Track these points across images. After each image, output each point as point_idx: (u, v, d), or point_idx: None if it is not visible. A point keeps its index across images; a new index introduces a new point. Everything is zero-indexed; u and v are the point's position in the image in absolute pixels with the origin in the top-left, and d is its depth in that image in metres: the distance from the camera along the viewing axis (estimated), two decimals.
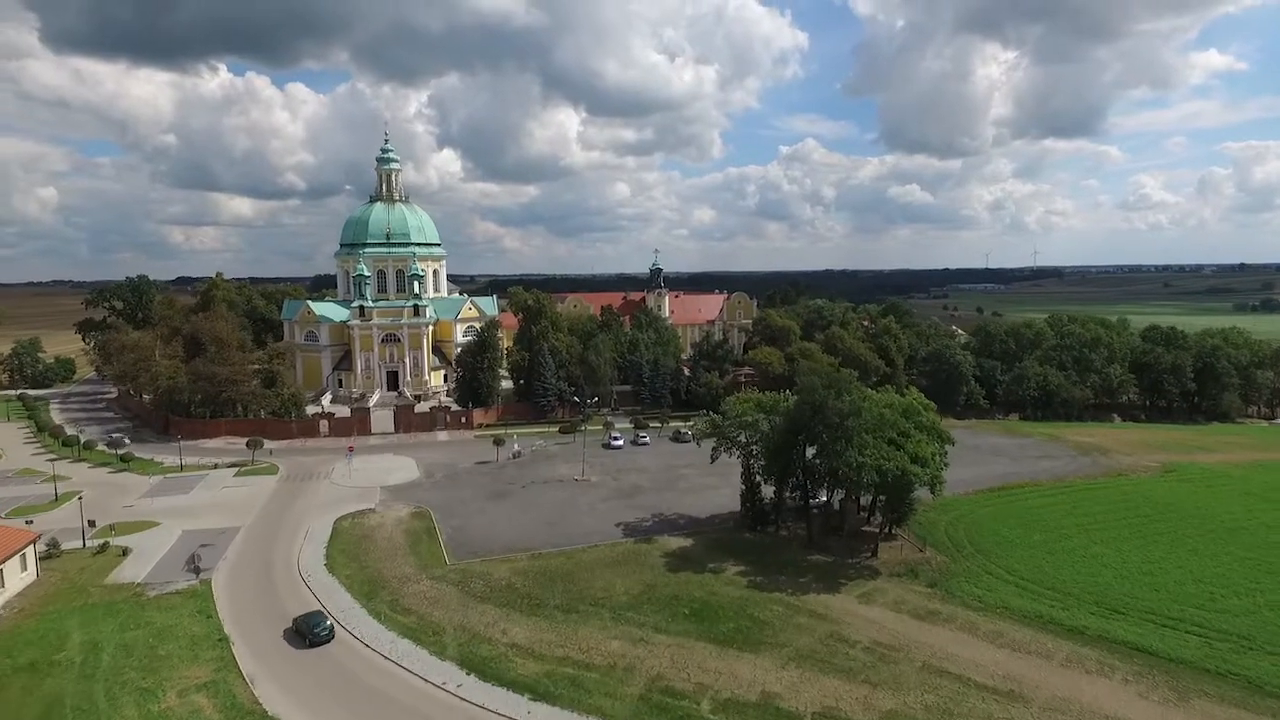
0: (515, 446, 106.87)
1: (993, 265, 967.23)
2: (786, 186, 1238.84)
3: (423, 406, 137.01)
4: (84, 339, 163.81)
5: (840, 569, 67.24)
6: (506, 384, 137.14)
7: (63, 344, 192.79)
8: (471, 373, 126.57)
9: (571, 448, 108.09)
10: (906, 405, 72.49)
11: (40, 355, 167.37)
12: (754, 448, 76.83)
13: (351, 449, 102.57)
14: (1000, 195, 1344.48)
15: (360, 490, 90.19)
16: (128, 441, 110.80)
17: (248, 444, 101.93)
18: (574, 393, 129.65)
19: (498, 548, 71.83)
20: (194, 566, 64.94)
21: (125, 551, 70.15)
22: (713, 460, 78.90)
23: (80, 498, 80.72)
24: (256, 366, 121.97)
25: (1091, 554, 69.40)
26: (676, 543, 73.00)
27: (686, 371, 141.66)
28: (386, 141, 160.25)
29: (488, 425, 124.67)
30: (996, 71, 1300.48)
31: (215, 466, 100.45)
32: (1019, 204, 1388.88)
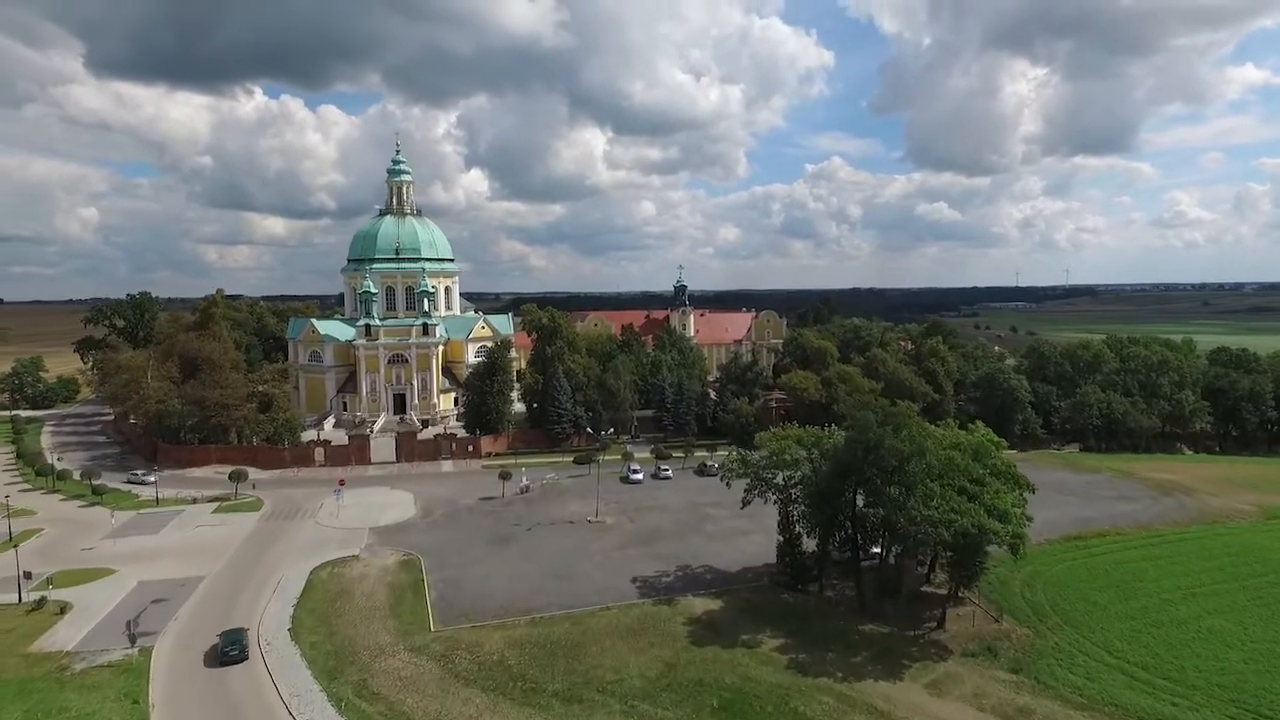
0: (524, 480, 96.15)
1: (1023, 283, 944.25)
2: (812, 205, 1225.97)
3: (430, 431, 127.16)
4: (82, 358, 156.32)
5: (900, 644, 55.28)
6: (520, 408, 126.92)
7: (73, 363, 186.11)
8: (480, 397, 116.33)
9: (586, 481, 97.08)
10: (977, 445, 60.61)
11: (42, 375, 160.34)
12: (794, 491, 65.33)
13: (342, 483, 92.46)
14: (1030, 212, 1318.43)
15: (347, 532, 79.85)
16: (101, 472, 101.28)
17: (230, 476, 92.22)
18: (591, 419, 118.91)
19: (492, 608, 60.87)
20: (131, 633, 54.75)
21: (63, 609, 60.23)
22: (744, 505, 67.38)
23: (37, 536, 71.34)
24: (253, 389, 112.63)
25: (1207, 628, 56.79)
26: (703, 605, 61.52)
27: (713, 395, 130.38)
28: (398, 152, 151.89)
29: (496, 454, 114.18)
30: (1025, 88, 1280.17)
31: (194, 501, 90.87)
32: (1049, 221, 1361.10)
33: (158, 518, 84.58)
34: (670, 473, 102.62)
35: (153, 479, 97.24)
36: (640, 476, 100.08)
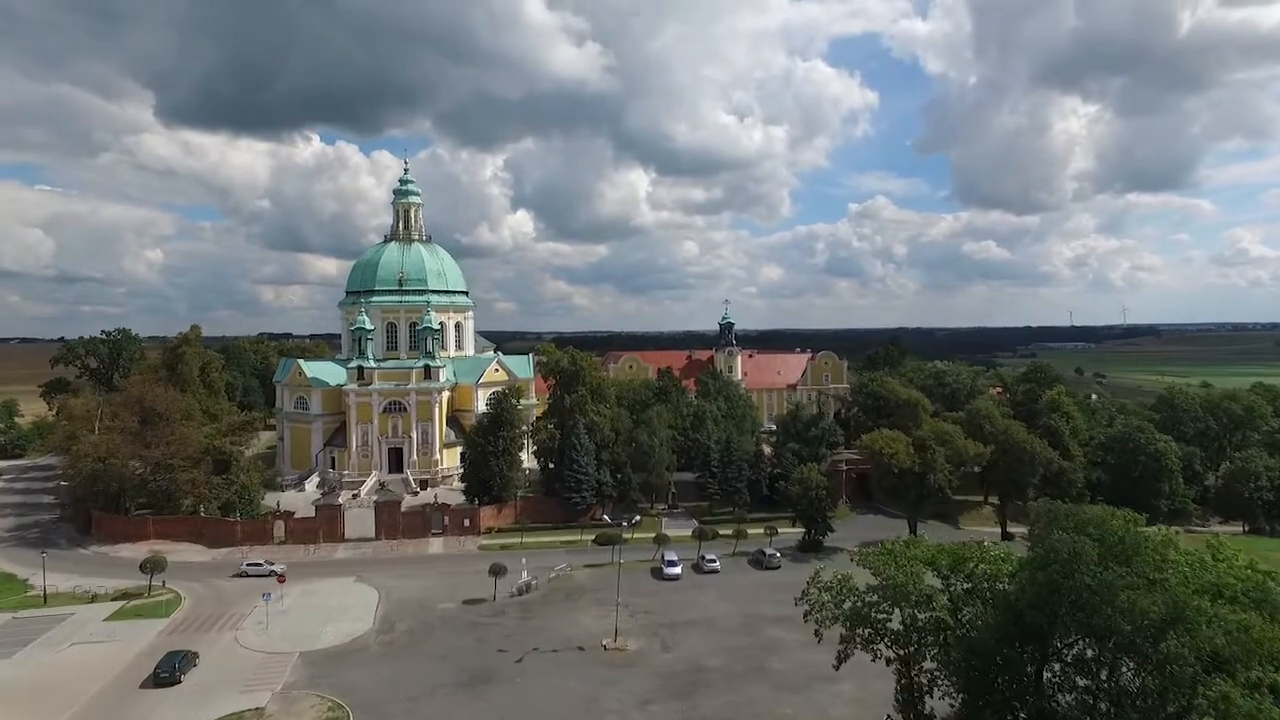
0: (523, 575, 71.66)
1: (1077, 323, 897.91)
2: (856, 244, 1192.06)
3: (430, 494, 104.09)
4: (48, 402, 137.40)
5: None
6: (534, 465, 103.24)
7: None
8: (481, 457, 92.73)
9: (607, 573, 72.07)
10: (1261, 588, 34.36)
11: (17, 420, 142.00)
12: (923, 644, 39.83)
13: (282, 580, 68.83)
14: (1082, 250, 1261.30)
15: (266, 660, 56.14)
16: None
17: (142, 566, 69.51)
18: (618, 483, 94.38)
19: None
20: None
21: None
22: (838, 665, 41.79)
23: None
24: (209, 445, 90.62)
25: None
26: None
27: (767, 450, 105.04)
28: (406, 172, 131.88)
29: (499, 529, 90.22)
30: (1076, 125, 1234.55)
31: (93, 598, 68.35)
32: (1102, 259, 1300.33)
33: (27, 628, 61.97)
34: (718, 563, 77.09)
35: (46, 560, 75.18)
36: (678, 570, 74.83)
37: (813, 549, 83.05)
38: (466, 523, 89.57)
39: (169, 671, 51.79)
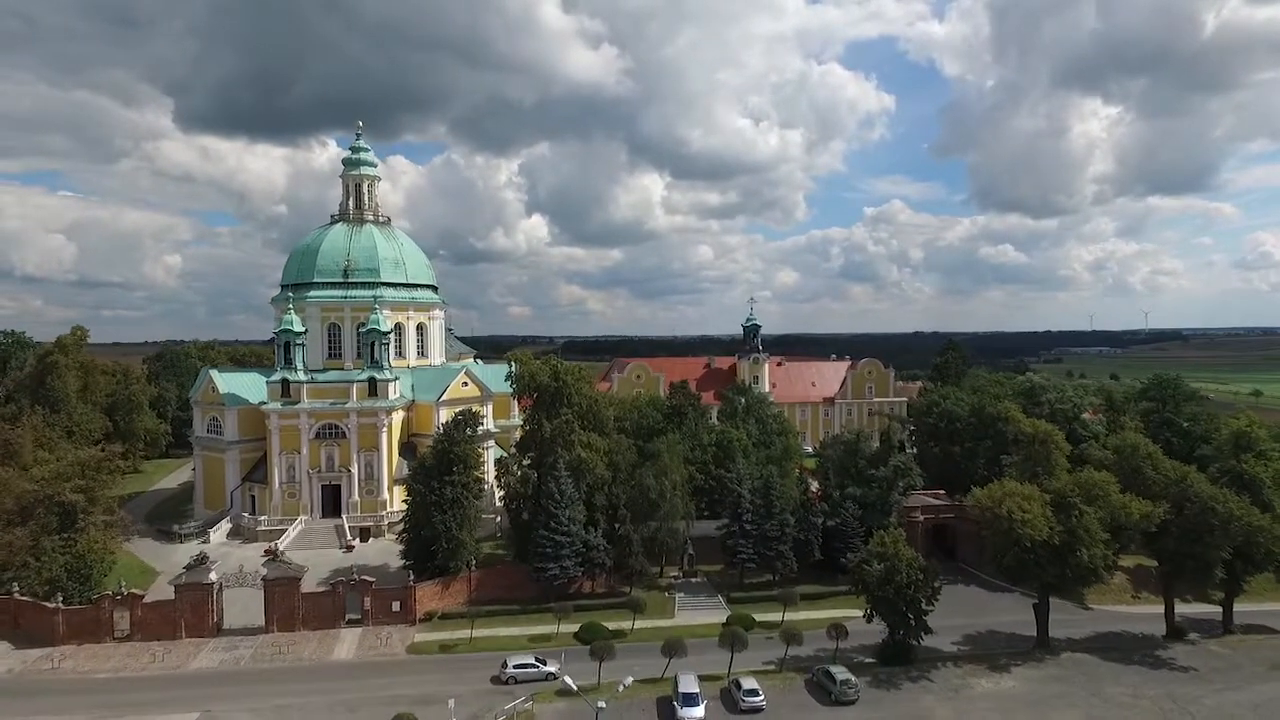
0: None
1: (1097, 327, 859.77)
2: (872, 248, 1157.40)
3: (366, 550, 76.76)
4: None
5: None
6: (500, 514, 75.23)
7: None
8: (422, 511, 64.53)
9: (598, 696, 43.44)
10: None
11: None
12: None
13: None
14: (1101, 254, 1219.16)
15: None
16: None
17: None
18: (616, 545, 66.20)
19: None
20: None
21: None
22: None
23: None
24: (40, 496, 62.83)
25: None
26: None
27: (813, 490, 76.82)
28: (359, 138, 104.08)
29: (445, 614, 62.03)
30: (1096, 127, 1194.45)
31: None
32: (1122, 263, 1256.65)
33: None
34: (761, 696, 48.08)
35: None
36: (699, 713, 45.95)
37: (900, 658, 54.45)
38: (396, 606, 61.39)
39: None
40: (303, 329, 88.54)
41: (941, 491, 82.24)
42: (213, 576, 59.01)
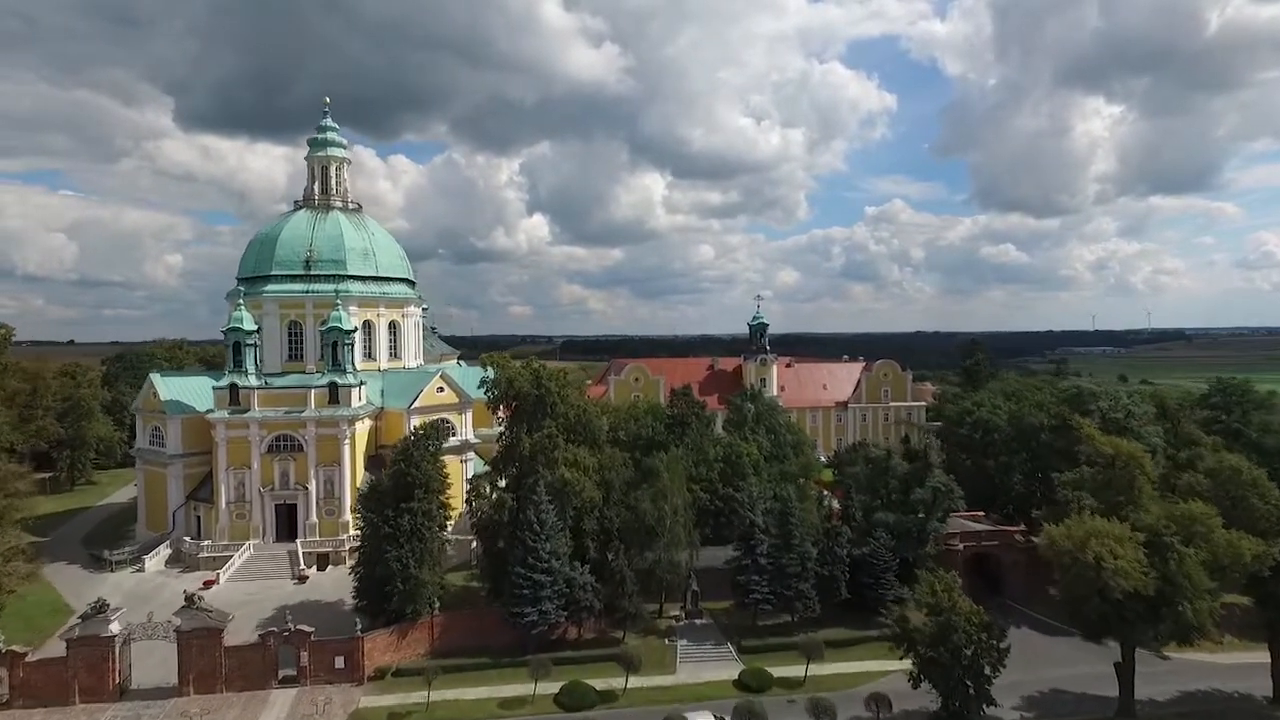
0: None
1: (1100, 327, 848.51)
2: (873, 247, 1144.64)
3: (323, 579, 66.10)
4: None
5: None
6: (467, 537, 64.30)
7: None
8: (375, 544, 53.63)
9: None
10: None
11: None
12: None
13: None
14: (1103, 254, 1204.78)
15: None
16: None
17: None
18: (608, 583, 55.37)
19: None
20: None
21: None
22: None
23: None
24: None
25: None
26: None
27: (834, 508, 66.03)
28: (326, 116, 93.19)
29: (399, 670, 51.10)
30: (1099, 126, 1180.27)
31: None
32: (1124, 263, 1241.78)
33: None
34: None
35: None
36: None
37: None
38: (340, 662, 50.41)
39: None
40: (255, 327, 77.54)
41: (981, 514, 71.28)
42: (114, 628, 48.06)
